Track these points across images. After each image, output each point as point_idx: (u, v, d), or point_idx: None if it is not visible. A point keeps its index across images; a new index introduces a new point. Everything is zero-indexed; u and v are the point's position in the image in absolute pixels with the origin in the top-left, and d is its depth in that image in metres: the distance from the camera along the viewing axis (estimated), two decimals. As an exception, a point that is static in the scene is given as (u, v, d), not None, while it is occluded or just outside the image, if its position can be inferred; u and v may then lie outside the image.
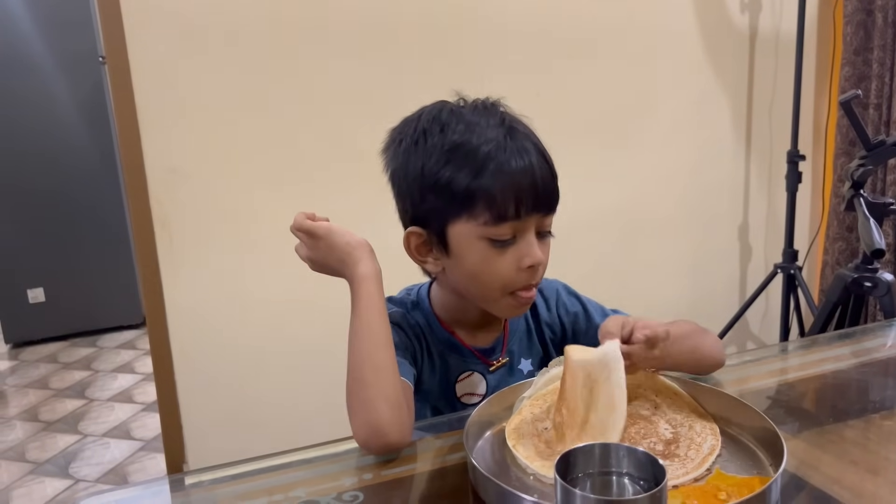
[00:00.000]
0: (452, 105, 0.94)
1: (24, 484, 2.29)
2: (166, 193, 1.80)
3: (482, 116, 0.91)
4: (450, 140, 0.89)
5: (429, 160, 0.90)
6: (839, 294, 1.77)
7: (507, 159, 0.87)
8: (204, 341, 1.89)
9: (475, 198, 0.87)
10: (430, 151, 0.90)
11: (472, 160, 0.88)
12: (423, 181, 0.91)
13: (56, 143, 3.37)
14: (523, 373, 1.03)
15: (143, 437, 2.56)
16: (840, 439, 0.84)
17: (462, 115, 0.91)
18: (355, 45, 1.88)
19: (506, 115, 0.93)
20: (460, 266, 0.92)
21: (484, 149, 0.88)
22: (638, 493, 0.56)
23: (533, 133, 0.93)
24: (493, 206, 0.87)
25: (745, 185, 2.47)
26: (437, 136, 0.90)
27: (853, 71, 2.37)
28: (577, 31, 2.11)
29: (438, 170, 0.89)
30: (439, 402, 1.00)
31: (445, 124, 0.91)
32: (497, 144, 0.88)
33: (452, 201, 0.89)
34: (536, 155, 0.89)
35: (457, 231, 0.90)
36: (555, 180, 0.91)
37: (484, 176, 0.87)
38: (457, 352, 1.00)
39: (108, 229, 3.50)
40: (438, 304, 1.02)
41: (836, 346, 1.20)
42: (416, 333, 0.99)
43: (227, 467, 0.83)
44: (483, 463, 0.77)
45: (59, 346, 3.50)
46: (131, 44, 1.71)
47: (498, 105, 0.95)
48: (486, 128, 0.89)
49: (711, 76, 2.34)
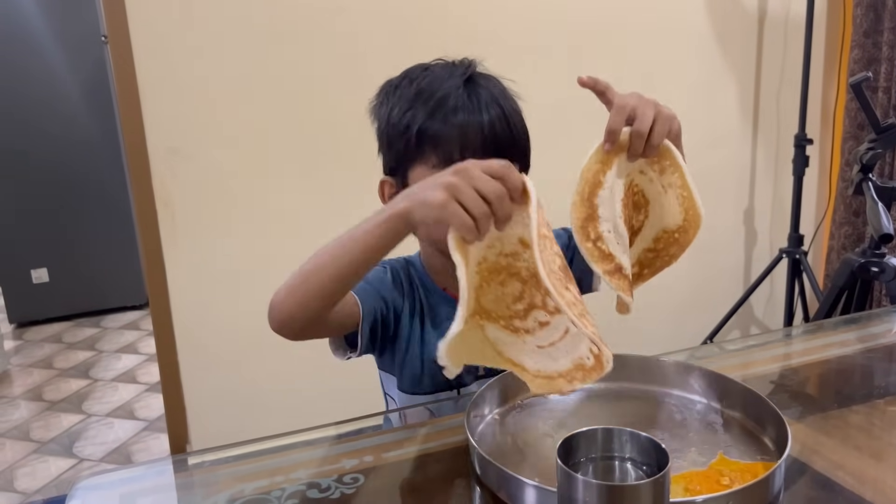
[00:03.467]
0: (429, 63, 0.97)
1: (29, 463, 2.30)
2: (169, 174, 1.79)
3: (449, 70, 0.94)
4: (413, 88, 0.92)
5: (394, 109, 0.93)
6: (846, 279, 1.76)
7: (459, 105, 0.89)
8: (207, 322, 1.89)
9: (424, 140, 0.90)
10: (397, 101, 0.93)
11: (426, 104, 0.90)
12: (389, 129, 0.94)
13: (59, 124, 3.36)
14: None
15: (146, 417, 2.57)
16: (844, 424, 0.83)
17: (431, 70, 0.94)
18: (360, 26, 1.87)
19: (473, 70, 0.94)
20: None
21: (438, 94, 0.90)
22: (641, 479, 0.55)
23: (502, 90, 0.94)
24: (439, 149, 0.89)
25: (751, 168, 2.45)
26: (404, 88, 0.94)
27: (862, 53, 2.34)
28: (584, 14, 2.09)
29: (400, 116, 0.92)
30: (432, 356, 0.99)
31: (414, 77, 0.94)
32: (452, 92, 0.90)
33: (408, 145, 0.91)
34: (494, 106, 0.90)
35: (415, 176, 0.92)
36: (514, 135, 0.91)
37: (434, 119, 0.89)
38: (447, 303, 1.01)
39: (112, 210, 3.50)
40: (426, 261, 1.04)
41: (842, 331, 1.19)
42: (410, 285, 1.01)
43: (229, 448, 0.83)
44: (484, 445, 0.76)
45: (63, 327, 3.51)
46: (133, 23, 1.70)
47: (470, 63, 0.96)
48: (448, 78, 0.92)
49: (719, 59, 2.32)
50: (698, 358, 1.03)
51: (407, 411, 0.99)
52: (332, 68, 1.86)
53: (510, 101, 0.93)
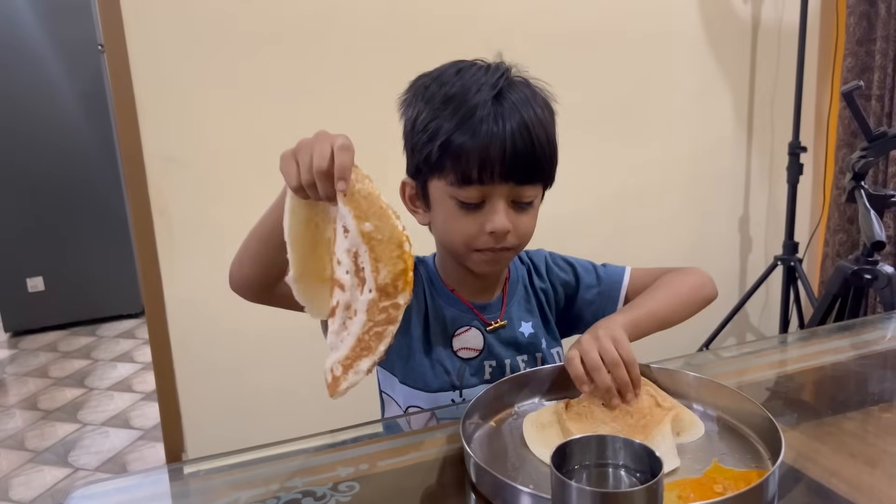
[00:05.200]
0: (464, 63, 0.94)
1: (24, 472, 2.29)
2: (165, 182, 1.79)
3: (482, 77, 0.90)
4: (441, 94, 0.90)
5: (421, 113, 0.91)
6: (839, 286, 1.77)
7: (482, 124, 0.87)
8: (203, 330, 1.89)
9: (445, 156, 0.89)
10: (425, 105, 0.91)
11: (453, 116, 0.88)
12: (414, 134, 0.93)
13: (55, 132, 3.36)
14: (524, 335, 1.04)
15: (142, 426, 2.56)
16: (839, 431, 0.84)
17: (463, 75, 0.91)
18: (358, 33, 1.88)
19: (505, 79, 0.91)
20: (435, 221, 0.96)
21: (464, 109, 0.88)
22: (634, 486, 0.55)
23: (531, 102, 0.91)
24: (459, 168, 0.88)
25: (745, 176, 2.46)
26: (434, 91, 0.91)
27: (855, 62, 2.36)
28: (577, 22, 2.10)
29: (426, 124, 0.90)
30: (438, 354, 1.00)
31: (445, 81, 0.91)
32: (478, 107, 0.87)
33: (429, 157, 0.90)
34: (518, 123, 0.88)
35: (433, 186, 0.93)
36: (536, 152, 0.89)
37: (457, 136, 0.87)
38: (455, 306, 1.02)
39: (108, 218, 3.50)
40: (439, 262, 1.05)
41: (836, 338, 1.19)
42: (419, 284, 1.01)
43: (224, 457, 0.83)
44: (480, 453, 0.77)
45: (59, 335, 3.50)
46: (130, 32, 1.70)
47: (505, 71, 0.93)
48: (477, 90, 0.88)
49: (713, 67, 2.33)
50: (694, 365, 1.03)
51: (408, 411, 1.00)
52: (330, 76, 1.87)
53: (536, 111, 0.91)
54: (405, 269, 0.70)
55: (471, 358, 1.00)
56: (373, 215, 0.70)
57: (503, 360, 1.02)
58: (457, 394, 1.00)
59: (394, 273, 0.69)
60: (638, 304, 0.97)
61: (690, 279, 1.03)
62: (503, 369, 1.01)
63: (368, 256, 0.70)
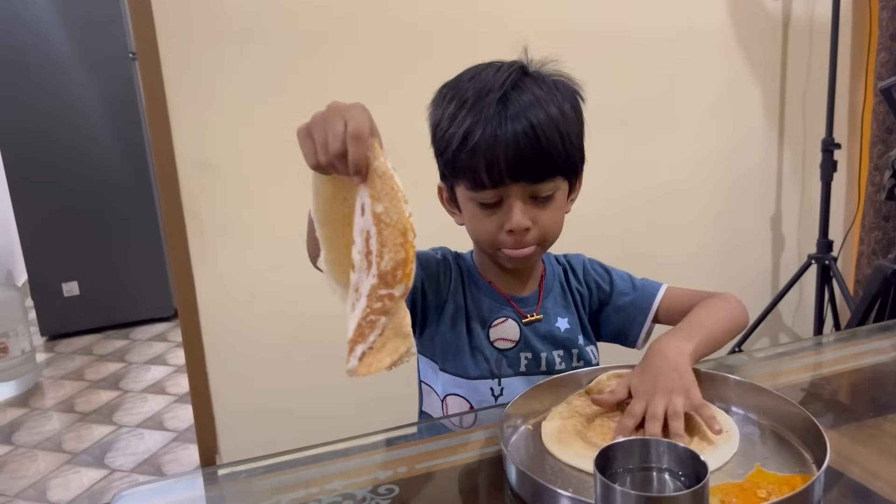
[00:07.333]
0: (480, 67, 0.96)
1: (61, 474, 2.33)
2: (197, 187, 1.81)
3: (492, 78, 0.92)
4: (456, 100, 0.93)
5: (442, 120, 0.94)
6: (878, 286, 1.74)
7: (487, 127, 0.89)
8: (235, 333, 1.90)
9: (458, 162, 0.92)
10: (444, 110, 0.94)
11: (462, 124, 0.90)
12: (436, 140, 0.97)
13: (87, 139, 3.41)
14: (560, 330, 1.04)
15: (175, 428, 2.59)
16: (881, 433, 0.82)
17: (477, 77, 0.94)
18: (391, 36, 1.88)
19: (513, 79, 0.92)
20: (465, 221, 1.00)
21: (472, 114, 0.90)
22: (679, 490, 0.55)
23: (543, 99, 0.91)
24: (470, 172, 0.92)
25: (777, 174, 2.43)
26: (452, 96, 0.94)
27: (889, 56, 2.31)
28: (607, 19, 2.08)
29: (444, 131, 0.94)
30: (477, 342, 1.02)
31: (460, 87, 0.94)
32: (484, 111, 0.89)
33: (448, 163, 0.95)
34: (523, 125, 0.88)
35: (458, 190, 0.98)
36: (544, 151, 0.89)
37: (465, 146, 0.90)
38: (491, 297, 1.04)
39: (140, 223, 3.55)
40: (476, 257, 1.08)
41: (877, 338, 1.17)
42: (459, 275, 1.05)
43: (262, 459, 0.84)
44: (518, 457, 0.76)
45: (94, 339, 3.55)
46: (162, 40, 1.72)
47: (516, 66, 0.94)
48: (486, 93, 0.90)
49: (743, 63, 2.30)
50: (728, 367, 1.02)
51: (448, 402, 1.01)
52: (361, 81, 1.87)
53: (549, 106, 0.91)
54: (406, 259, 0.67)
55: (507, 349, 1.02)
56: (385, 196, 0.68)
57: (539, 353, 1.02)
58: (496, 382, 1.01)
59: (395, 261, 0.67)
60: (697, 328, 0.94)
61: (734, 305, 1.03)
62: (539, 362, 1.02)
63: (376, 240, 0.68)
